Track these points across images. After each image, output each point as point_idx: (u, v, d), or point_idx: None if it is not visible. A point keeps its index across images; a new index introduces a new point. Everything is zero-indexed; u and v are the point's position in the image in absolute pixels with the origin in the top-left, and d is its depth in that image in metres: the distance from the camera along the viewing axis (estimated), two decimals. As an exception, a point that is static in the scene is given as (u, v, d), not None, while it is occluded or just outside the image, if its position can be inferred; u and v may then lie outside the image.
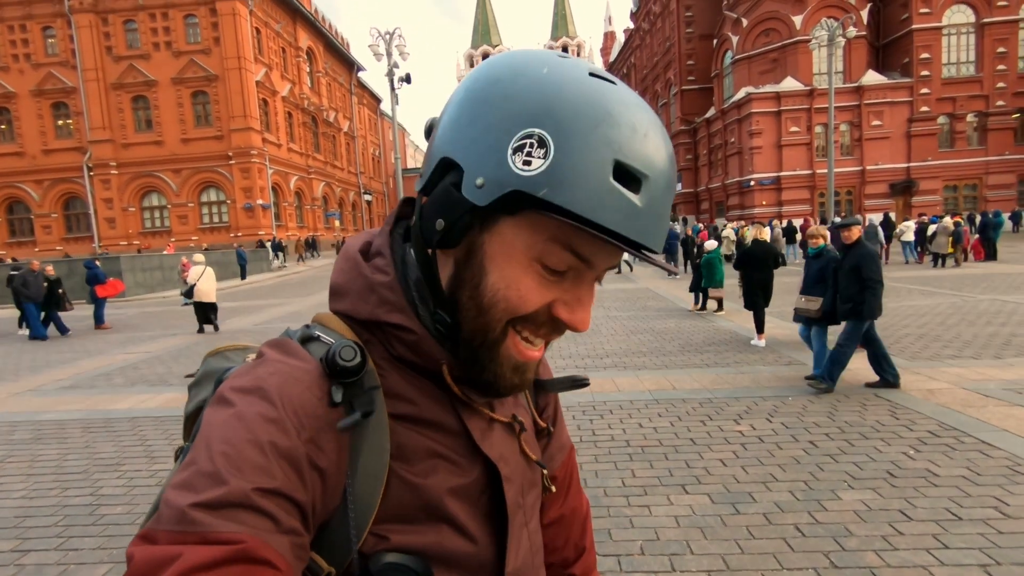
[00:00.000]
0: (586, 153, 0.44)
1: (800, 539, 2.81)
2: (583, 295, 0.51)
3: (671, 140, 0.52)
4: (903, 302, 10.24)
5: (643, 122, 0.47)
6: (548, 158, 0.44)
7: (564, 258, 0.48)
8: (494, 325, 0.50)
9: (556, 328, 0.52)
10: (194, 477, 0.42)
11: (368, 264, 0.56)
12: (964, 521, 2.90)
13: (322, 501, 0.47)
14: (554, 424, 0.73)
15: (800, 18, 32.48)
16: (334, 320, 0.56)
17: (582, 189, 0.44)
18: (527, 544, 0.61)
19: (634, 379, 5.89)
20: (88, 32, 29.04)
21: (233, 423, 0.44)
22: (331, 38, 40.36)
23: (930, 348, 6.67)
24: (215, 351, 0.65)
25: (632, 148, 0.45)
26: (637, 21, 53.66)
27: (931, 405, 4.67)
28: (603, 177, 0.44)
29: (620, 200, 0.44)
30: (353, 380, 0.50)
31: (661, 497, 3.33)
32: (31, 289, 11.04)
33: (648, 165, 0.46)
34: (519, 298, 0.49)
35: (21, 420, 5.52)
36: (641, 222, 0.45)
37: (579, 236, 0.47)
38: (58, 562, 2.94)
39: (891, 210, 28.94)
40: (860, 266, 4.96)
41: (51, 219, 31.34)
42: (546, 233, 0.47)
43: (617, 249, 0.48)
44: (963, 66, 32.60)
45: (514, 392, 0.55)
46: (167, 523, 0.40)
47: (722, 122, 37.40)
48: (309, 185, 36.87)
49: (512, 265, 0.49)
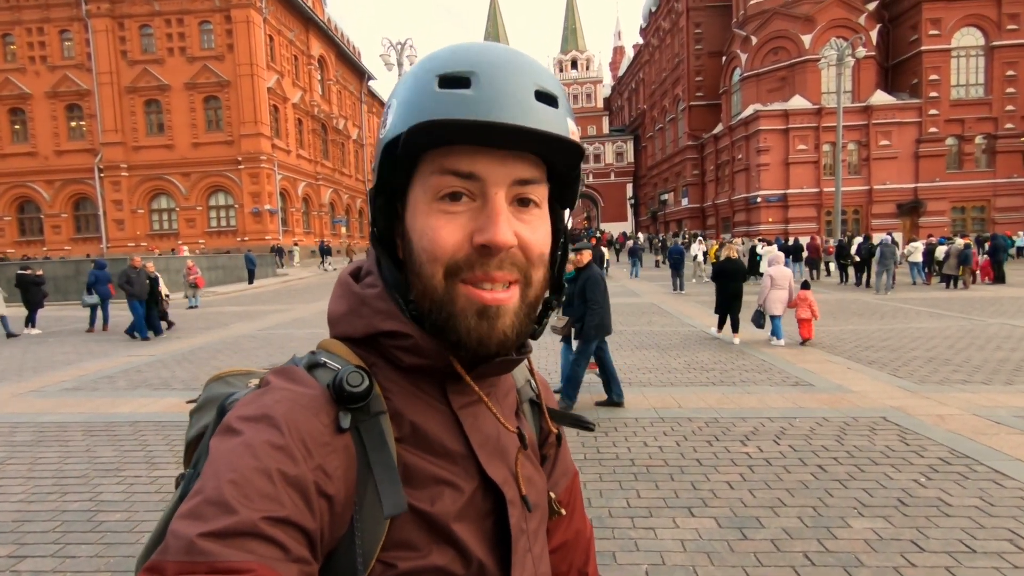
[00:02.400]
0: (415, 87, 0.51)
1: (809, 568, 2.75)
2: (491, 211, 0.51)
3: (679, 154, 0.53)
4: (911, 324, 10.15)
5: (463, 45, 0.54)
6: (391, 112, 0.53)
7: (449, 181, 0.50)
8: (431, 282, 0.51)
9: (486, 258, 0.51)
10: (202, 506, 0.41)
11: (359, 284, 0.59)
12: (978, 554, 2.83)
13: (330, 528, 0.47)
14: (559, 443, 0.72)
15: (809, 37, 32.64)
16: (338, 346, 0.57)
17: (415, 109, 0.50)
18: (531, 570, 0.59)
19: (639, 396, 5.84)
20: (104, 36, 29.45)
21: (240, 451, 0.44)
22: (343, 47, 40.77)
23: (939, 372, 6.59)
24: (217, 376, 0.64)
25: (452, 60, 0.51)
26: (647, 36, 54.04)
27: (941, 431, 4.60)
28: (429, 90, 0.50)
29: (449, 97, 0.49)
30: (360, 405, 0.50)
31: (667, 519, 3.27)
32: (135, 287, 10.37)
33: (472, 63, 0.50)
34: (432, 242, 0.51)
35: (23, 421, 5.50)
36: (480, 105, 0.48)
37: (447, 155, 0.50)
38: (54, 569, 2.90)
39: (898, 230, 28.86)
40: (584, 288, 5.29)
41: (61, 219, 31.59)
42: (427, 172, 0.51)
43: (490, 150, 0.50)
44: (972, 88, 32.62)
45: (489, 344, 0.52)
46: (175, 554, 0.39)
47: (730, 138, 37.48)
48: (317, 191, 37.08)
49: (419, 216, 0.52)
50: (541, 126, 0.49)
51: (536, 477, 0.64)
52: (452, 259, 0.51)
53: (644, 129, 55.70)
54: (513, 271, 0.52)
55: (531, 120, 0.49)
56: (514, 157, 0.51)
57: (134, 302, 10.40)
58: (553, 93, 0.52)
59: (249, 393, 0.52)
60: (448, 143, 0.50)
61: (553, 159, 0.54)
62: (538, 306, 0.57)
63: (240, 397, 0.55)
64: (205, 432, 0.59)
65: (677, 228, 44.64)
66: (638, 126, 58.04)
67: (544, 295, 0.58)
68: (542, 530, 0.64)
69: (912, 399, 5.48)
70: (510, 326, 0.52)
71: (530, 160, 0.52)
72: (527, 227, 0.52)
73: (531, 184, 0.52)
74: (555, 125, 0.50)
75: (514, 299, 0.53)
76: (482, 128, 0.48)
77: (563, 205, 0.61)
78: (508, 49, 0.53)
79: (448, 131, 0.48)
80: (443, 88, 0.49)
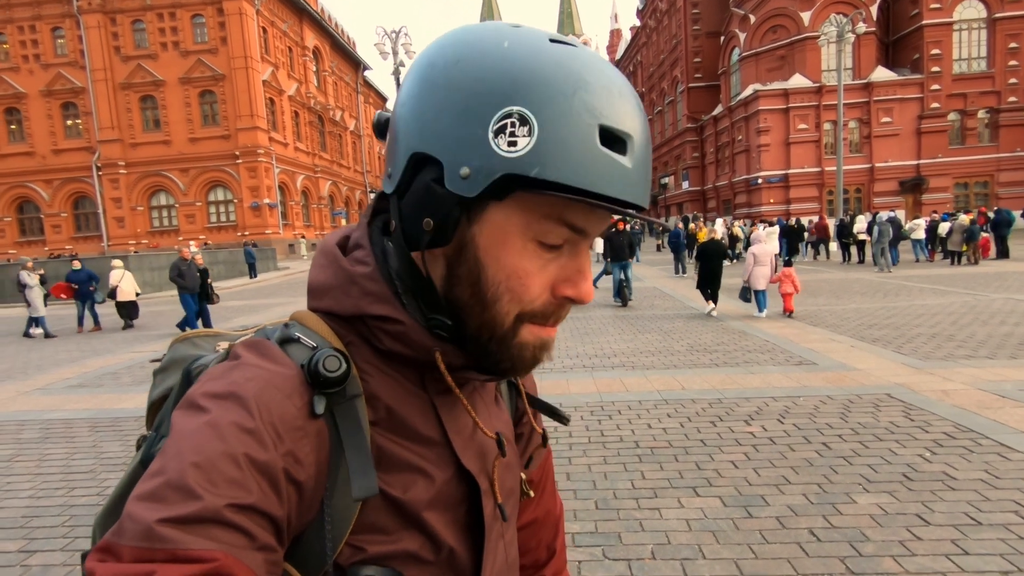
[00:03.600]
0: (571, 123, 0.43)
1: (815, 544, 2.75)
2: (582, 265, 0.50)
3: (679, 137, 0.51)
4: (914, 301, 10.11)
5: (616, 83, 0.46)
6: (533, 135, 0.43)
7: (560, 233, 0.47)
8: (502, 319, 0.49)
9: (563, 307, 0.51)
10: (163, 489, 0.39)
11: (347, 258, 0.54)
12: (984, 526, 2.83)
13: (298, 514, 0.45)
14: (544, 444, 0.72)
15: (808, 14, 32.22)
16: (313, 319, 0.53)
17: (574, 161, 0.43)
18: (503, 556, 0.60)
19: (642, 379, 5.84)
20: (97, 32, 29.25)
21: (206, 432, 0.41)
22: (337, 37, 40.42)
23: (943, 348, 6.56)
24: (183, 336, 0.62)
25: (613, 110, 0.45)
26: (643, 19, 53.45)
27: (946, 406, 4.59)
28: (591, 144, 0.44)
29: (611, 165, 0.44)
30: (337, 390, 0.47)
31: (672, 500, 3.28)
32: (187, 280, 9.84)
33: (630, 125, 0.46)
34: (522, 286, 0.48)
35: (29, 419, 5.53)
36: (632, 182, 0.46)
37: (572, 208, 0.46)
38: (64, 563, 2.92)
39: (900, 208, 28.70)
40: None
41: (60, 218, 31.61)
42: (539, 212, 0.46)
43: (607, 212, 0.47)
44: (974, 62, 32.22)
45: (531, 369, 0.54)
46: (132, 538, 0.37)
47: (729, 119, 37.18)
48: (316, 184, 36.97)
49: (509, 252, 0.47)
50: (647, 203, 0.49)
51: (513, 463, 0.63)
52: (531, 306, 0.49)
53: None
54: (563, 313, 0.53)
55: (647, 198, 0.49)
56: (609, 215, 0.50)
57: (186, 296, 9.95)
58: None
59: (217, 366, 0.49)
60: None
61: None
62: None
63: (208, 364, 0.53)
64: (169, 394, 0.57)
65: (678, 212, 44.48)
66: (637, 110, 57.49)
67: None
68: (514, 515, 0.64)
69: (916, 375, 5.46)
70: (551, 351, 0.54)
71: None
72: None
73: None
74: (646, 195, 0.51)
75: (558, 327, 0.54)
76: (626, 206, 0.47)
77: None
78: (637, 96, 0.49)
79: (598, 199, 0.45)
80: (604, 146, 0.44)
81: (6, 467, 4.31)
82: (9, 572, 2.86)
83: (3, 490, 3.89)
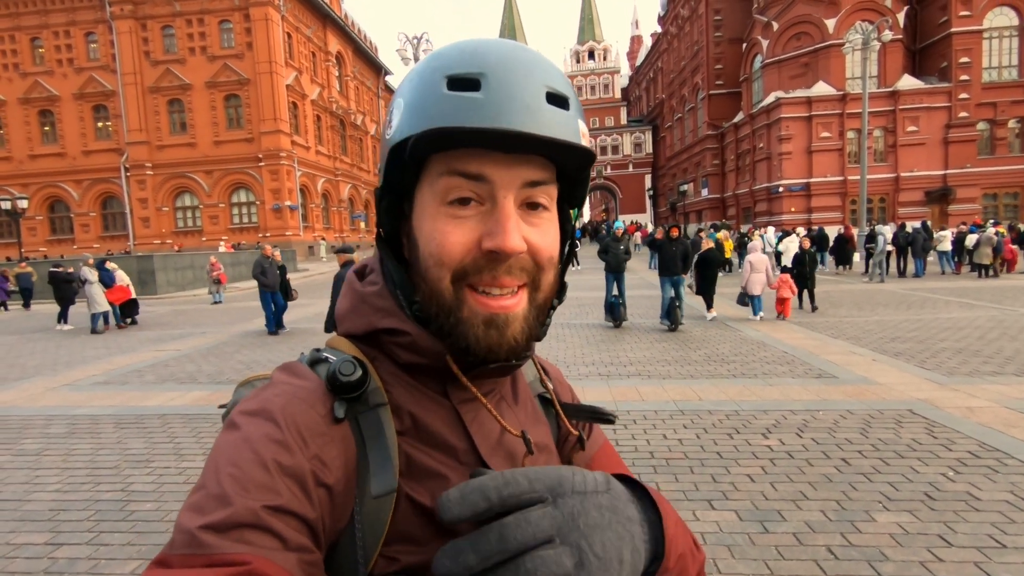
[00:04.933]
0: (422, 87, 0.51)
1: (833, 562, 2.71)
2: (500, 217, 0.50)
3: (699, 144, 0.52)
4: (940, 314, 9.89)
5: (473, 42, 0.52)
6: (400, 109, 0.52)
7: (460, 184, 0.50)
8: (439, 286, 0.51)
9: (496, 263, 0.50)
10: (202, 499, 0.42)
11: (362, 282, 0.60)
12: (1009, 549, 2.76)
13: (331, 518, 0.47)
14: (588, 435, 0.70)
15: (833, 21, 31.79)
16: (341, 342, 0.59)
17: (424, 112, 0.49)
18: None
19: (658, 388, 5.80)
20: (128, 37, 30.06)
21: (239, 445, 0.45)
22: (359, 42, 40.96)
23: (969, 363, 6.41)
24: (246, 381, 0.66)
25: (461, 60, 0.50)
26: (665, 25, 53.21)
27: (971, 424, 4.49)
28: (438, 93, 0.49)
29: (458, 101, 0.48)
30: (356, 395, 0.51)
31: (687, 512, 3.25)
32: (269, 277, 9.83)
33: (482, 64, 0.49)
34: (439, 247, 0.51)
35: (57, 414, 5.68)
36: (488, 110, 0.47)
37: (458, 157, 0.50)
38: (89, 556, 3.00)
39: (927, 219, 28.07)
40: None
41: (89, 218, 32.46)
42: (435, 173, 0.51)
43: (500, 155, 0.49)
44: (1005, 70, 31.48)
45: (499, 352, 0.52)
46: (179, 547, 0.40)
47: (750, 127, 36.77)
48: (336, 187, 37.43)
49: (427, 220, 0.52)
50: (551, 131, 0.49)
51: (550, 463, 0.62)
52: (460, 264, 0.50)
53: (662, 119, 54.93)
54: (522, 275, 0.52)
55: (542, 126, 0.48)
56: (523, 159, 0.50)
57: (267, 295, 9.85)
58: (564, 94, 0.51)
59: (254, 388, 0.54)
60: (457, 146, 0.49)
61: (563, 162, 0.53)
62: (547, 309, 0.56)
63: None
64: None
65: (697, 219, 44.09)
66: (656, 116, 57.27)
67: (553, 297, 0.57)
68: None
69: (940, 391, 5.35)
70: (520, 332, 0.52)
71: (539, 162, 0.51)
72: (536, 231, 0.52)
73: (540, 186, 0.52)
74: (566, 129, 0.50)
75: (522, 304, 0.53)
76: (493, 135, 0.47)
77: (571, 204, 0.61)
78: (517, 46, 0.52)
79: (458, 136, 0.48)
80: (452, 90, 0.49)
81: (35, 461, 4.44)
82: (36, 564, 2.95)
83: (32, 483, 4.01)
